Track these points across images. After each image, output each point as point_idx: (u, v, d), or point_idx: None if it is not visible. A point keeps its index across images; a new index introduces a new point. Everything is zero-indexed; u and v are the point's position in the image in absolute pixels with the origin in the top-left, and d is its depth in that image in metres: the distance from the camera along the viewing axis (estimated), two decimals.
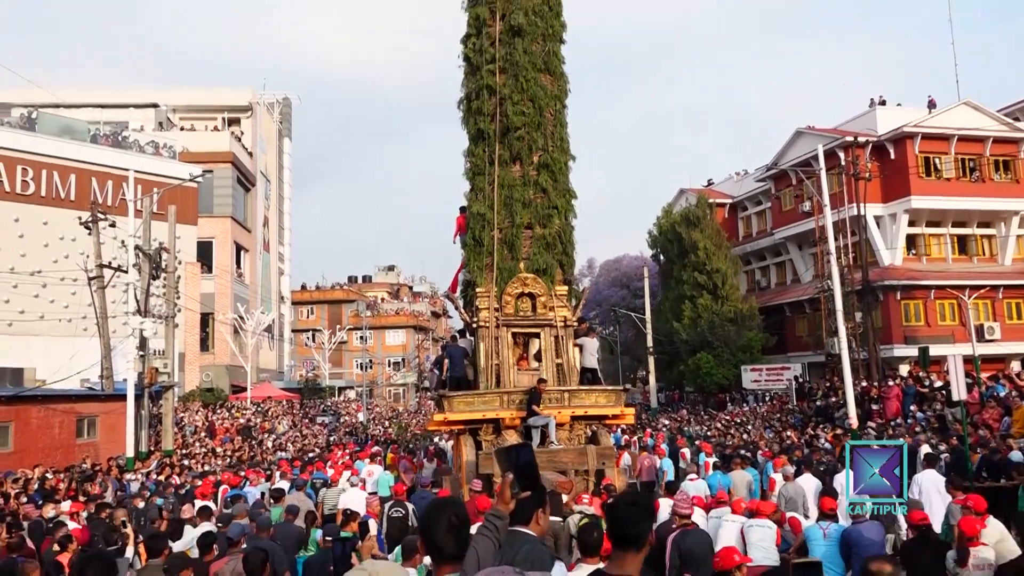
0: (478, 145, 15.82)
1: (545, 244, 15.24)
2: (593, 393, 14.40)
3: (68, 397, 23.00)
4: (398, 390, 73.58)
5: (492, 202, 15.13)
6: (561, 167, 15.75)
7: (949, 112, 35.66)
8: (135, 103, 47.50)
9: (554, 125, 15.79)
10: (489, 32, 15.88)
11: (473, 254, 15.41)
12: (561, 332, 14.69)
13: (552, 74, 16.02)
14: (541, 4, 15.96)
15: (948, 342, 32.11)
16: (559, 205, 15.49)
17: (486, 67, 15.74)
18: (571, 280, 16.10)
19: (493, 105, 15.52)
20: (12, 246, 32.41)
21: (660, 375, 43.79)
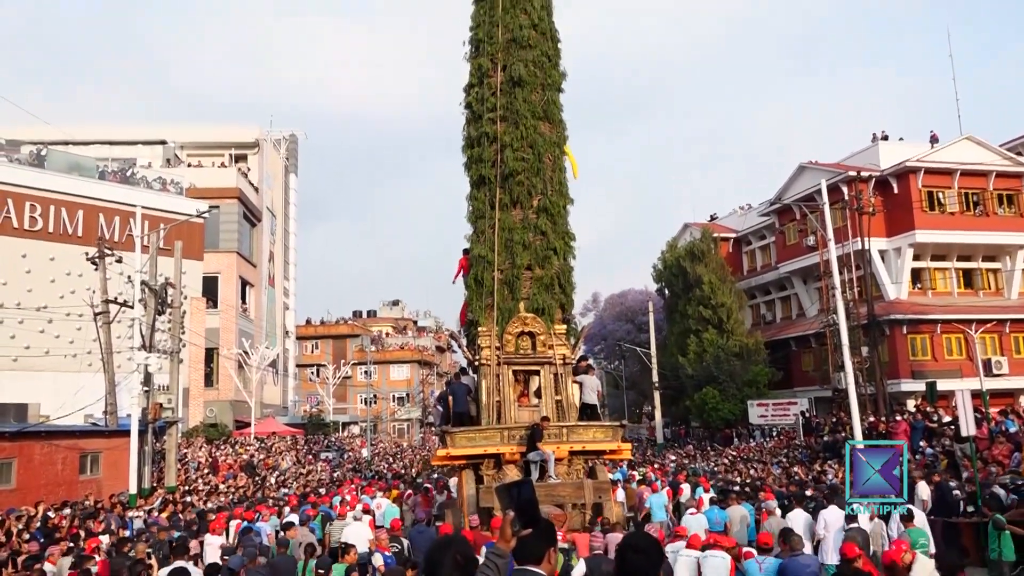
0: (480, 190, 16.43)
1: (544, 285, 15.80)
2: (591, 429, 14.82)
3: (72, 433, 22.93)
4: (402, 425, 73.19)
5: (493, 244, 15.73)
6: (560, 210, 16.36)
7: (951, 147, 35.83)
8: (143, 140, 48.00)
9: (553, 170, 16.44)
10: (491, 82, 16.66)
11: (475, 294, 15.94)
12: (560, 370, 15.23)
13: (551, 121, 16.71)
14: (540, 56, 16.79)
15: (956, 377, 31.92)
16: (558, 247, 16.10)
17: (487, 115, 16.47)
18: (570, 319, 16.55)
19: (494, 152, 16.19)
20: (19, 282, 32.54)
21: (666, 410, 43.56)
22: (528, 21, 16.89)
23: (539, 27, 17.03)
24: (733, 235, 47.75)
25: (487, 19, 17.07)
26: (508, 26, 16.78)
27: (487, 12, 17.10)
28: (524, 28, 16.79)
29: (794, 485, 16.36)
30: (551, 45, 17.31)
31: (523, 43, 16.73)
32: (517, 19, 16.84)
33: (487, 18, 17.07)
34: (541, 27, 17.08)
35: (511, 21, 16.81)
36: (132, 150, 46.42)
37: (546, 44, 17.13)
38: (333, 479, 29.01)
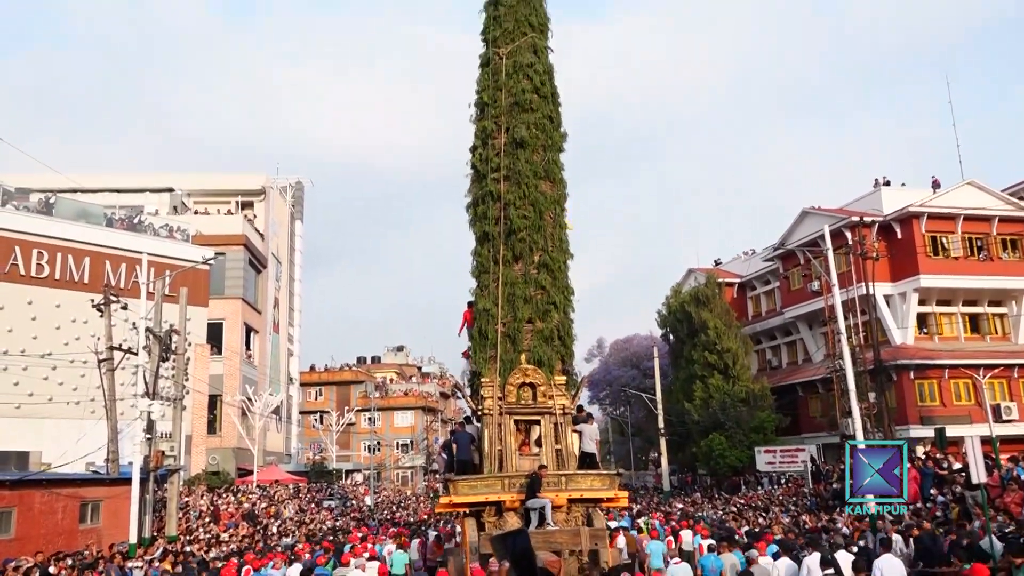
0: (483, 246, 17.13)
1: (544, 337, 16.39)
2: (589, 477, 15.30)
3: (72, 481, 22.73)
4: (406, 473, 72.49)
5: (496, 298, 16.37)
6: (560, 265, 17.02)
7: (954, 192, 36.02)
8: (151, 188, 48.45)
9: (553, 227, 17.15)
10: (494, 144, 17.39)
11: (479, 346, 16.54)
12: (560, 419, 15.76)
13: (552, 181, 17.43)
14: (542, 118, 17.56)
15: (965, 423, 31.64)
16: (558, 301, 16.69)
17: (491, 175, 17.21)
18: (569, 370, 16.95)
19: (497, 210, 16.91)
20: (25, 328, 32.60)
21: (672, 457, 43.13)
22: (530, 85, 17.68)
23: (541, 91, 17.81)
24: (737, 280, 47.80)
25: (491, 83, 17.85)
26: (511, 90, 17.58)
27: (491, 77, 17.90)
28: (526, 92, 17.59)
29: (801, 536, 16.11)
30: (552, 107, 18.05)
31: (525, 106, 17.52)
32: (520, 83, 17.63)
33: (491, 82, 17.85)
34: (543, 91, 17.86)
35: (514, 85, 17.61)
36: (140, 198, 46.83)
37: (547, 107, 17.88)
38: (336, 528, 28.63)
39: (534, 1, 18.52)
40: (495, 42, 18.15)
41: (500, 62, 17.77)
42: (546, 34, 18.67)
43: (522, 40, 17.90)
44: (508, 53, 17.75)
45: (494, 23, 18.35)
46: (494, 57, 18.00)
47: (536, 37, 18.19)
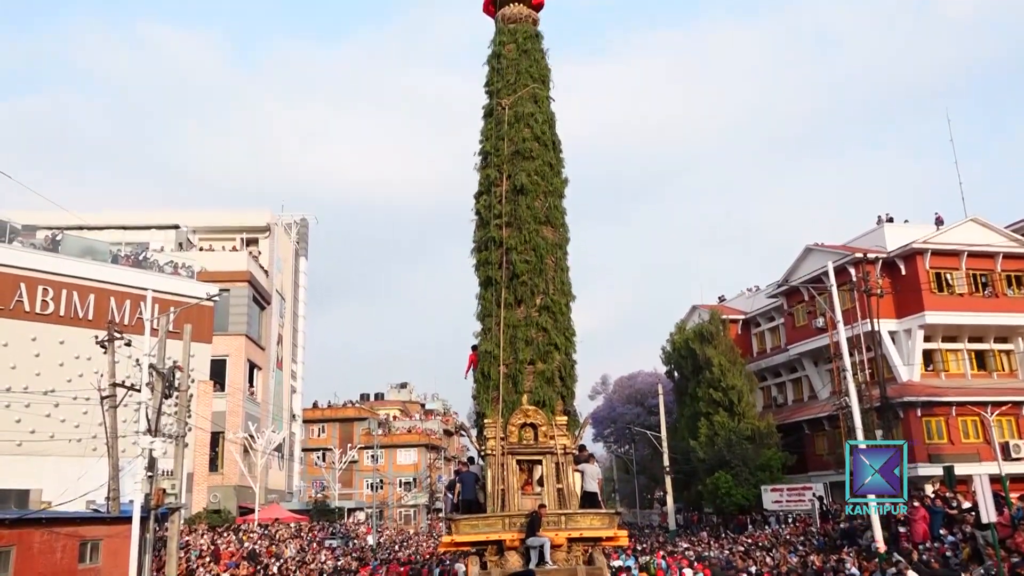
0: (487, 290, 17.70)
1: (546, 379, 16.74)
2: (588, 516, 15.66)
3: (72, 520, 22.51)
4: (409, 511, 71.79)
5: (499, 341, 16.80)
6: (561, 308, 17.47)
7: (957, 229, 36.06)
8: (157, 224, 48.69)
9: (555, 270, 17.66)
10: (497, 191, 18.04)
11: (482, 387, 16.99)
12: (561, 459, 16.14)
13: (553, 226, 18.04)
14: (542, 165, 18.18)
15: (974, 460, 31.29)
16: (559, 343, 17.12)
17: (494, 221, 17.84)
18: (570, 411, 17.21)
19: (500, 255, 17.49)
20: (28, 365, 32.56)
21: (678, 495, 42.67)
22: (531, 134, 18.28)
23: (541, 139, 18.39)
24: (742, 317, 47.69)
25: (494, 133, 18.52)
26: (513, 139, 18.22)
27: (494, 127, 18.59)
28: (527, 140, 18.19)
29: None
30: (553, 155, 18.63)
31: (526, 154, 18.10)
32: (521, 132, 18.25)
33: (494, 132, 18.53)
34: (543, 139, 18.44)
35: (515, 134, 18.24)
36: (146, 234, 47.06)
37: (548, 154, 18.44)
38: (338, 568, 28.27)
39: (535, 54, 19.26)
40: (498, 93, 18.85)
41: (503, 112, 18.43)
42: (547, 84, 19.31)
43: (523, 91, 18.54)
44: (510, 104, 18.40)
45: (497, 75, 19.10)
46: (497, 108, 18.66)
47: (537, 88, 18.85)
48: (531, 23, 19.71)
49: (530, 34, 19.49)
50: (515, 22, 19.51)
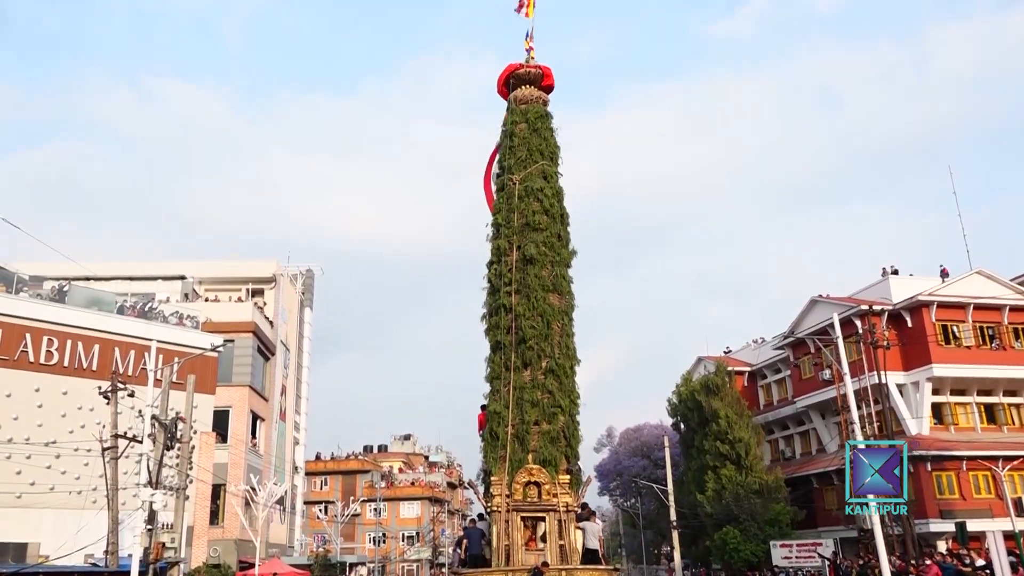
0: (496, 353, 18.57)
1: (551, 438, 17.47)
2: (588, 572, 16.29)
3: (70, 575, 22.17)
4: (412, 566, 70.58)
5: (507, 402, 17.60)
6: (566, 371, 18.27)
7: (963, 281, 36.02)
8: (163, 275, 48.91)
9: (560, 335, 18.51)
10: (507, 260, 19.05)
11: (490, 446, 17.84)
12: (564, 516, 16.78)
13: (559, 293, 18.97)
14: (550, 236, 19.26)
15: (986, 516, 30.80)
16: (563, 404, 17.84)
17: (504, 289, 18.82)
18: (573, 470, 17.85)
19: (509, 320, 18.41)
20: (30, 416, 32.38)
21: (685, 550, 41.94)
22: (540, 207, 19.37)
23: (550, 212, 19.48)
24: (748, 368, 47.42)
25: (505, 206, 19.66)
26: (523, 212, 19.32)
27: (506, 200, 19.74)
28: (536, 213, 19.30)
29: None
30: (561, 227, 19.74)
31: (535, 226, 19.19)
32: (531, 206, 19.36)
33: (505, 205, 19.68)
34: (551, 211, 19.52)
35: (525, 208, 19.34)
36: (152, 285, 47.22)
37: (556, 226, 19.54)
38: None
39: (545, 132, 20.37)
40: (510, 169, 19.96)
41: (514, 187, 19.56)
42: (556, 161, 20.40)
43: (534, 167, 19.67)
44: (521, 179, 19.54)
45: (509, 152, 20.22)
46: (509, 183, 19.79)
47: (546, 164, 19.96)
48: (541, 104, 20.86)
49: (540, 114, 20.61)
50: (526, 103, 20.66)
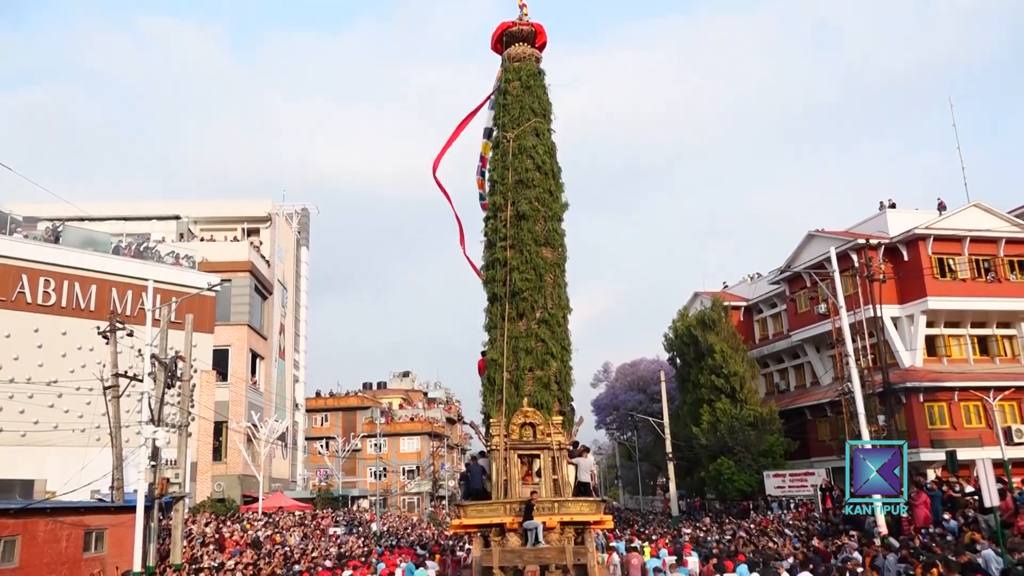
0: (493, 305, 19.48)
1: (544, 384, 18.46)
2: (579, 503, 17.58)
3: (77, 509, 22.58)
4: (412, 499, 72.02)
5: (503, 351, 18.62)
6: (558, 320, 19.14)
7: (960, 214, 35.92)
8: (158, 215, 48.71)
9: (553, 287, 19.32)
10: (502, 216, 19.76)
11: (488, 391, 18.93)
12: (556, 454, 18.06)
13: (552, 247, 19.64)
14: (543, 192, 19.82)
15: (976, 445, 31.33)
16: (555, 352, 18.81)
17: (499, 243, 19.57)
18: (565, 411, 18.84)
19: (504, 273, 19.19)
20: (30, 356, 32.62)
21: (680, 481, 42.76)
22: (533, 164, 19.90)
23: (542, 168, 19.98)
24: (744, 303, 47.62)
25: (500, 164, 20.28)
26: (516, 169, 19.85)
27: (500, 158, 20.36)
28: (529, 171, 19.82)
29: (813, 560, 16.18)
30: (553, 183, 20.23)
31: (528, 183, 19.72)
32: (524, 163, 19.88)
33: (500, 163, 20.29)
34: (544, 169, 20.01)
35: (519, 165, 19.87)
36: (147, 225, 47.08)
37: (548, 182, 20.05)
38: (341, 554, 28.35)
39: (537, 90, 20.76)
40: (504, 127, 20.48)
41: (508, 144, 20.14)
42: (548, 118, 20.85)
43: (526, 125, 20.19)
44: (514, 137, 20.08)
45: (503, 111, 20.73)
46: (503, 140, 20.37)
47: (539, 121, 20.41)
48: (534, 61, 21.25)
49: (533, 72, 21.01)
50: (519, 60, 21.07)
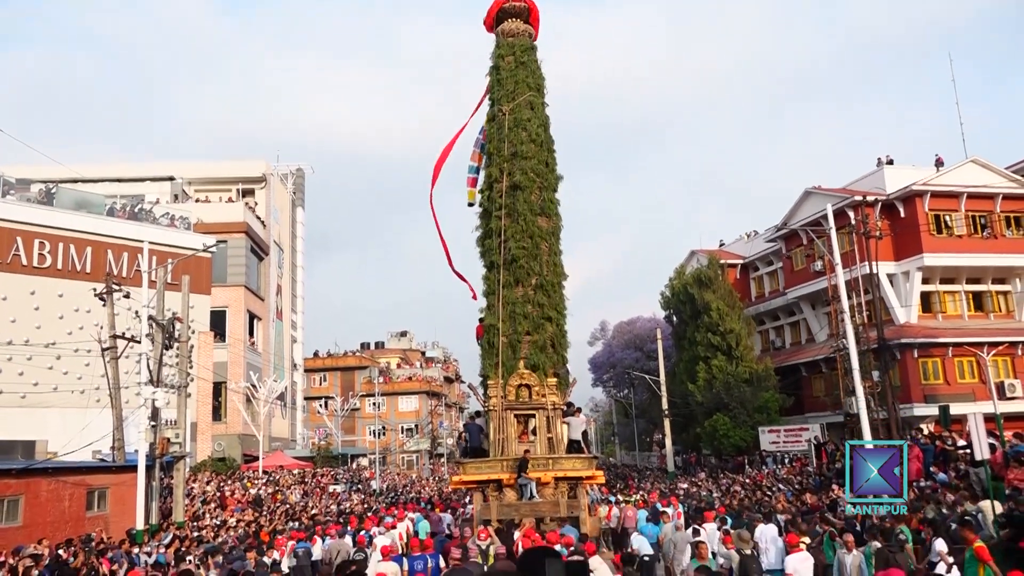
0: (491, 272, 20.15)
1: (539, 347, 19.25)
2: (571, 460, 18.43)
3: (79, 469, 22.82)
4: (411, 457, 72.77)
5: (500, 316, 19.33)
6: (553, 286, 19.91)
7: (957, 170, 35.79)
8: (151, 176, 48.36)
9: (548, 255, 20.05)
10: (498, 187, 20.34)
11: (486, 354, 19.72)
12: (551, 413, 18.87)
13: (547, 216, 20.33)
14: (538, 164, 20.38)
15: (969, 400, 31.62)
16: (551, 316, 19.64)
17: (496, 213, 20.14)
18: (560, 373, 19.71)
19: (500, 243, 19.77)
20: (28, 318, 32.65)
21: (676, 437, 43.19)
22: (527, 137, 20.47)
23: (536, 141, 20.56)
24: (740, 261, 47.66)
25: (496, 136, 20.82)
26: (512, 141, 20.41)
27: (496, 131, 20.88)
28: (524, 143, 20.40)
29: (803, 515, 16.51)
30: (548, 154, 20.85)
31: (523, 155, 20.28)
32: (519, 136, 20.45)
33: (496, 135, 20.83)
34: (538, 141, 20.61)
35: (514, 137, 20.44)
36: (140, 187, 46.75)
37: (542, 154, 20.63)
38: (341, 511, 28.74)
39: (531, 64, 21.33)
40: (499, 101, 21.08)
41: (503, 118, 20.70)
42: (542, 91, 21.50)
43: (521, 98, 20.79)
44: (509, 110, 20.65)
45: (498, 85, 21.31)
46: (498, 114, 20.94)
47: (532, 95, 21.03)
48: (528, 37, 21.67)
49: (526, 47, 21.49)
50: (513, 36, 21.51)
